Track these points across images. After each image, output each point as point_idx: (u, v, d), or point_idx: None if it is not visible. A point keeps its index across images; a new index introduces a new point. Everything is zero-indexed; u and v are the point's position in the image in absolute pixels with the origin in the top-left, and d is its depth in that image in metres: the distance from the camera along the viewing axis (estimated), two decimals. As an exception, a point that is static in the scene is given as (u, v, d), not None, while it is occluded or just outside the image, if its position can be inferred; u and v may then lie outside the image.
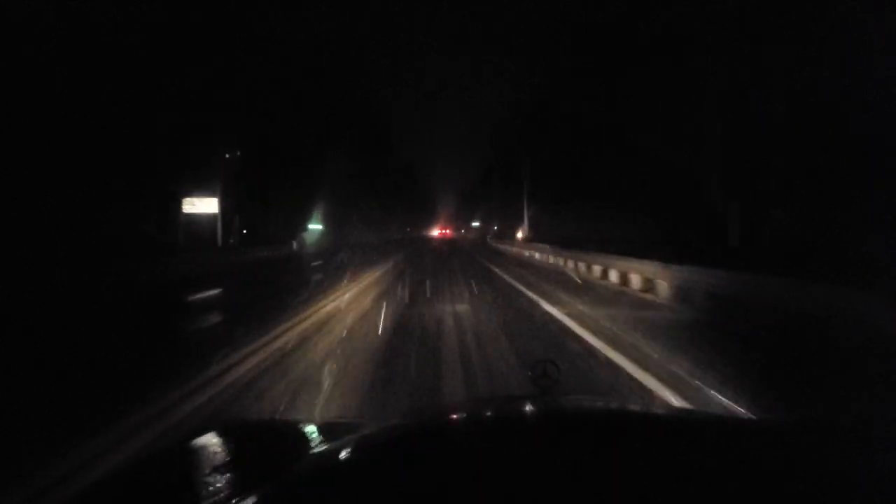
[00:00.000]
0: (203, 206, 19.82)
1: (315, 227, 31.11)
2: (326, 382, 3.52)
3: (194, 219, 19.65)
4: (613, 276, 9.77)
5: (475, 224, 66.55)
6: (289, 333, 4.99)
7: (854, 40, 8.81)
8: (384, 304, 7.03)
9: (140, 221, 15.50)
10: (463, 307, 6.76)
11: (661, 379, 3.46)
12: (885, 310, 4.06)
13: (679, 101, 13.09)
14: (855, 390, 3.15)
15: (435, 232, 75.30)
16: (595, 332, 4.97)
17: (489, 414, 1.16)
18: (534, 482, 0.66)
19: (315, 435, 1.09)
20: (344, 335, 5.11)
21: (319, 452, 0.86)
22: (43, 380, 3.72)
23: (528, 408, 1.12)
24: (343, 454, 0.86)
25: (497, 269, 13.46)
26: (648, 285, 8.27)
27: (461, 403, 2.27)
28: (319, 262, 16.51)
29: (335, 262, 15.50)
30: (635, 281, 8.72)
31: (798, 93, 9.92)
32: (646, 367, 3.75)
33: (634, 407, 1.59)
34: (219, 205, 19.68)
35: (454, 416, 1.18)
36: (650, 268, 8.21)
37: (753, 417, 2.42)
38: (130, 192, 14.85)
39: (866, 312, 4.27)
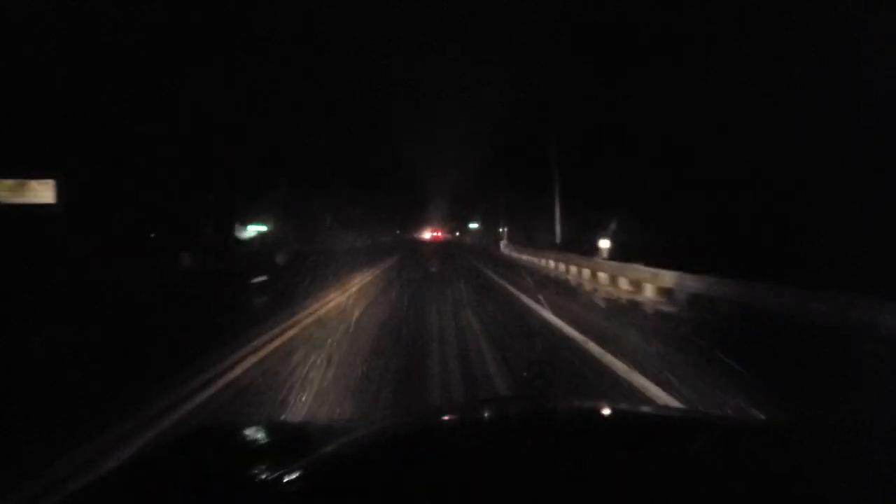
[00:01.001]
0: (26, 193, 11.66)
1: (256, 228, 22.86)
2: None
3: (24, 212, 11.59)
4: None
5: (473, 226, 56.13)
6: None
7: (853, 40, 8.82)
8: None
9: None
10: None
11: None
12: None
13: (679, 101, 13.10)
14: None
15: (426, 235, 69.68)
16: None
17: (486, 416, 1.16)
18: (533, 485, 0.66)
19: (310, 437, 1.08)
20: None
21: (314, 455, 0.86)
22: None
23: (526, 410, 1.12)
24: (338, 457, 0.86)
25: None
26: None
27: (458, 405, 2.27)
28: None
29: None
30: None
31: (796, 92, 9.94)
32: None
33: (632, 408, 1.59)
34: (56, 191, 11.80)
35: (451, 419, 1.18)
36: None
37: (755, 418, 2.41)
38: None
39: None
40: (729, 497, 0.64)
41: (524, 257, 18.48)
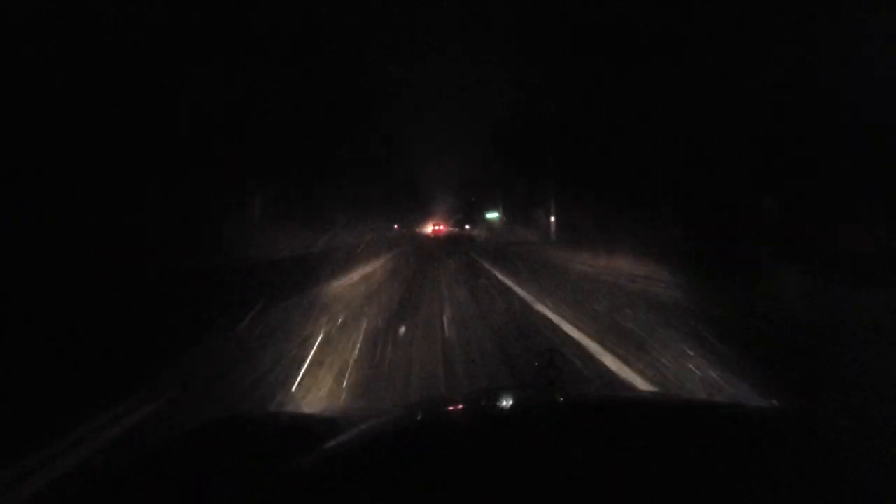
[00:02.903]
0: None
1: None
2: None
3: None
4: None
5: (492, 215, 40.19)
6: None
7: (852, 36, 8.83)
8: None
9: None
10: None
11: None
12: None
13: (677, 97, 13.08)
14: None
15: (428, 229, 63.58)
16: None
17: (498, 406, 1.16)
18: (547, 475, 0.66)
19: (322, 428, 1.09)
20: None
21: (326, 446, 0.86)
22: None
23: (537, 399, 1.12)
24: (351, 447, 0.86)
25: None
26: None
27: (469, 394, 2.26)
28: None
29: None
30: None
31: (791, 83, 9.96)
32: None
33: (643, 396, 1.59)
34: None
35: (464, 409, 1.18)
36: None
37: (766, 405, 2.40)
38: None
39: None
40: (743, 486, 0.65)
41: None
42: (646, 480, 0.64)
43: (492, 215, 39.69)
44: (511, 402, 1.14)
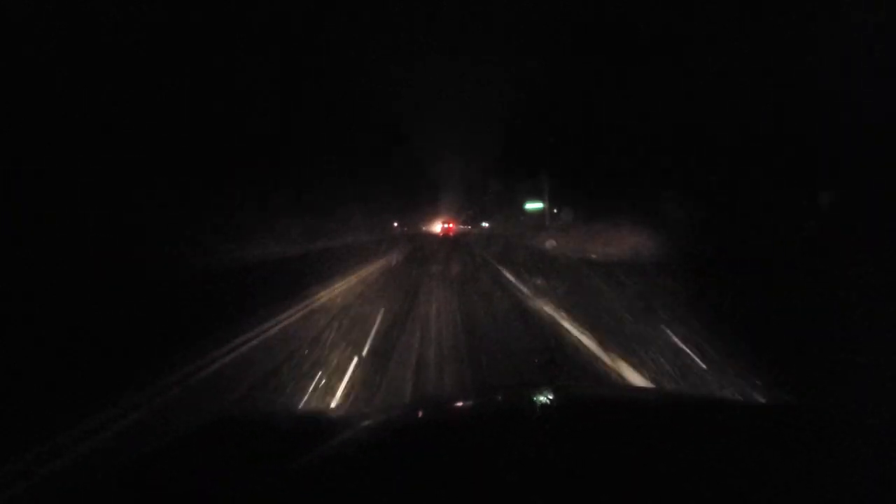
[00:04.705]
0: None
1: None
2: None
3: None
4: None
5: (533, 206, 27.06)
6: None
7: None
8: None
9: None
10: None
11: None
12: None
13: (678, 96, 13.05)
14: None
15: (436, 227, 58.19)
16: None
17: (499, 405, 1.16)
18: (548, 473, 0.66)
19: (322, 428, 1.08)
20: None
21: (326, 446, 0.86)
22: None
23: (538, 397, 1.12)
24: (351, 447, 0.85)
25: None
26: None
27: (472, 392, 2.25)
28: None
29: None
30: None
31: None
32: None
33: (643, 393, 1.58)
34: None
35: (463, 407, 1.18)
36: None
37: (765, 402, 2.40)
38: None
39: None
40: (743, 482, 0.65)
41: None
42: (646, 477, 0.64)
43: (533, 206, 27.11)
44: (512, 401, 1.14)
